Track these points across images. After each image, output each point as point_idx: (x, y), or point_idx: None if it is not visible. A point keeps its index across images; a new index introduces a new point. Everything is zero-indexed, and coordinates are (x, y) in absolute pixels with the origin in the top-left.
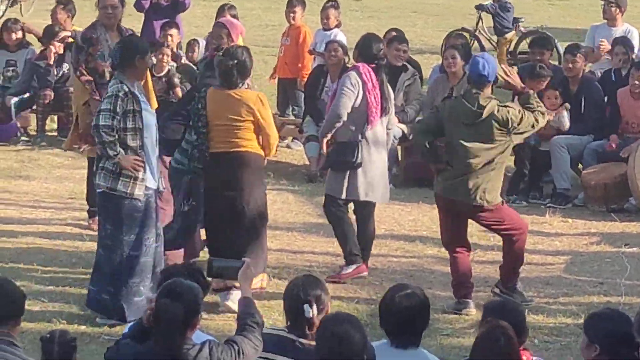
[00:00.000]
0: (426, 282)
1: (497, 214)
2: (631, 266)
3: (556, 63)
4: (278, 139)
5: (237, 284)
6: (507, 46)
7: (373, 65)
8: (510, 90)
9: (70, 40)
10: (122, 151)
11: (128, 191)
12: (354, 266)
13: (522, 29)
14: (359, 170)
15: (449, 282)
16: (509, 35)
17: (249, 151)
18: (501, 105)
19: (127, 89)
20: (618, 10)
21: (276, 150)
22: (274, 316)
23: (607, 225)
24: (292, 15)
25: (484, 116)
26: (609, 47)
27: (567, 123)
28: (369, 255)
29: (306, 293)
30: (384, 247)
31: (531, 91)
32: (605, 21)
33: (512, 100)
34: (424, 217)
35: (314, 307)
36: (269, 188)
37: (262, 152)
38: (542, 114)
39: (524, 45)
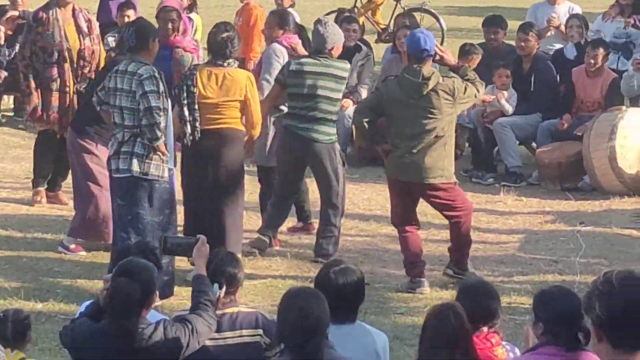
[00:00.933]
0: (380, 260)
1: (450, 193)
2: (586, 245)
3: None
4: (261, 119)
5: None
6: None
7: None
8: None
9: (20, 20)
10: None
11: (159, 174)
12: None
13: (403, 6)
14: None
15: (403, 264)
16: None
17: (233, 128)
18: (444, 76)
19: (156, 70)
20: None
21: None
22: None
23: (561, 204)
24: None
25: (430, 87)
26: (558, 22)
27: (508, 107)
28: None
29: (219, 272)
30: None
31: (467, 64)
32: None
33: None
34: (378, 197)
35: (224, 288)
36: None
37: (243, 129)
38: (481, 84)
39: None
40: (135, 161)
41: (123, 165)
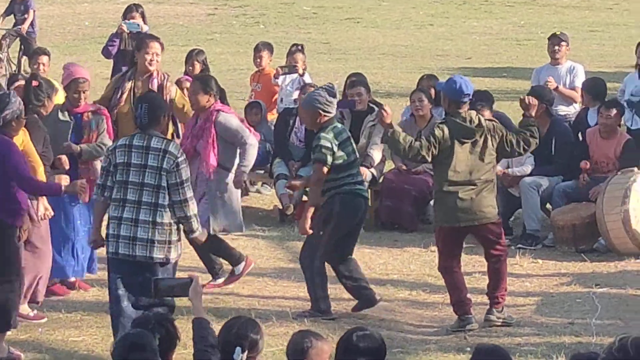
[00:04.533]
0: (398, 325)
1: (499, 228)
2: (601, 306)
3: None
4: None
5: None
6: None
7: None
8: None
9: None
10: None
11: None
12: None
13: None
14: None
15: (420, 325)
16: None
17: None
18: (487, 119)
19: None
20: (562, 47)
21: None
22: None
23: (577, 266)
24: (258, 60)
25: (479, 131)
26: (555, 84)
27: (522, 171)
28: None
29: (242, 336)
30: None
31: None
32: (549, 61)
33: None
34: (395, 261)
35: (245, 353)
36: (239, 234)
37: None
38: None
39: None
40: (169, 249)
41: (165, 253)
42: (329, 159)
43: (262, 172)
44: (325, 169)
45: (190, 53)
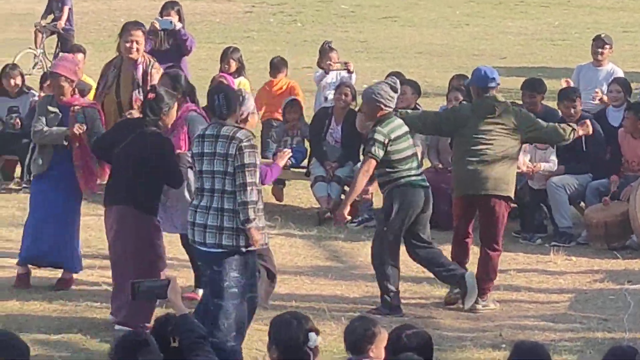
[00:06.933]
0: (434, 322)
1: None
2: (634, 302)
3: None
4: None
5: None
6: None
7: None
8: None
9: None
10: None
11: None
12: None
13: None
14: None
15: (455, 324)
16: None
17: None
18: (513, 104)
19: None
20: (606, 49)
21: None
22: None
23: (609, 263)
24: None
25: (499, 106)
26: (600, 95)
27: (549, 168)
28: None
29: (305, 325)
30: None
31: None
32: (591, 61)
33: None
34: None
35: (319, 337)
36: (276, 232)
37: None
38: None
39: None
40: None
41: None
42: (380, 152)
43: (296, 170)
44: (374, 162)
45: (225, 51)
